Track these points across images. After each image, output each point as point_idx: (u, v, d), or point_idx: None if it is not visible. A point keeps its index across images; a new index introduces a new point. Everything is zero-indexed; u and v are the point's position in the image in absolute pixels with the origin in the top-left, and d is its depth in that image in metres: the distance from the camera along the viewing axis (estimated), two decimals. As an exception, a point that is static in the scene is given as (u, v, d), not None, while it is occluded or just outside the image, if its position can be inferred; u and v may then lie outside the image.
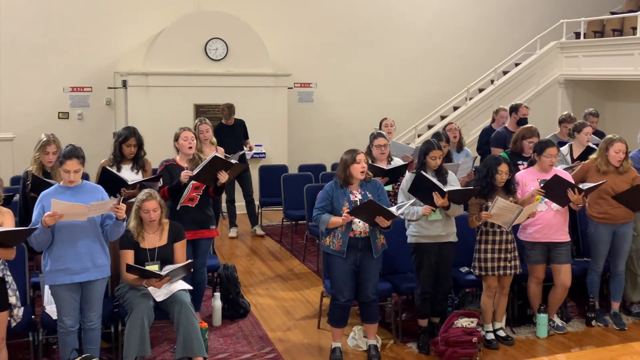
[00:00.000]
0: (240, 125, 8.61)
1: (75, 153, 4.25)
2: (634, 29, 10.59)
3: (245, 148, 8.43)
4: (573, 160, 6.21)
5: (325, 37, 11.41)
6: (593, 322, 5.46)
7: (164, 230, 4.78)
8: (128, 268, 4.53)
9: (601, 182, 5.14)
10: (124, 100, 9.85)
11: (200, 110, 9.78)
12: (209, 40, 9.93)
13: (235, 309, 5.66)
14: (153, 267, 4.65)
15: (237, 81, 9.92)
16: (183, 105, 9.68)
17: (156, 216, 4.67)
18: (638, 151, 5.70)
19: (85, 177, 7.58)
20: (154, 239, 4.73)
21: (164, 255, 4.74)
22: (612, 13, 12.27)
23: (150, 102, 9.58)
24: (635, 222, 5.49)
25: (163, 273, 4.52)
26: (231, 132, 8.42)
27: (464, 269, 5.45)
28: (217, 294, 5.59)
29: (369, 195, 4.66)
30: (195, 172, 5.01)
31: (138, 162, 5.43)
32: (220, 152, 6.99)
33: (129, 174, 5.33)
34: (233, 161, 5.38)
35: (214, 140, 7.09)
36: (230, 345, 5.12)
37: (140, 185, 5.11)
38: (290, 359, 4.89)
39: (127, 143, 5.36)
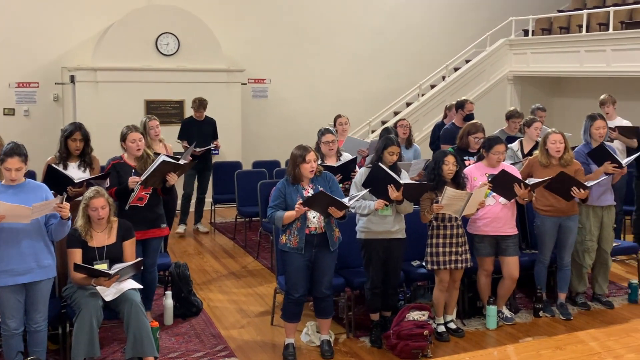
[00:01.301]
0: (210, 124, 8.53)
1: (17, 151, 4.13)
2: (580, 26, 10.89)
3: (212, 146, 8.33)
4: (524, 156, 6.34)
5: (279, 33, 11.37)
6: (540, 313, 5.59)
7: (113, 229, 4.68)
8: (76, 267, 4.43)
9: (548, 178, 5.26)
10: (72, 96, 9.60)
11: (151, 107, 9.63)
12: (160, 35, 9.78)
13: (187, 308, 5.59)
14: (102, 266, 4.55)
15: (189, 77, 9.80)
16: (133, 101, 9.51)
17: (104, 214, 4.57)
18: (582, 146, 5.84)
19: (32, 175, 7.44)
20: (102, 238, 4.63)
21: (113, 254, 4.64)
22: (560, 11, 12.59)
23: (99, 98, 9.39)
24: (580, 215, 5.65)
25: (112, 272, 4.44)
26: (200, 128, 8.34)
27: (416, 263, 5.51)
28: (169, 293, 5.51)
29: (321, 189, 4.66)
30: (144, 177, 4.92)
31: (85, 159, 5.31)
32: (169, 150, 6.91)
33: (75, 172, 5.21)
34: (182, 162, 5.30)
35: (162, 137, 6.99)
36: (182, 344, 5.06)
37: (88, 184, 4.99)
38: (243, 357, 4.86)
39: (73, 138, 5.23)
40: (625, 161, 5.64)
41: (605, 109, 7.46)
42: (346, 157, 5.97)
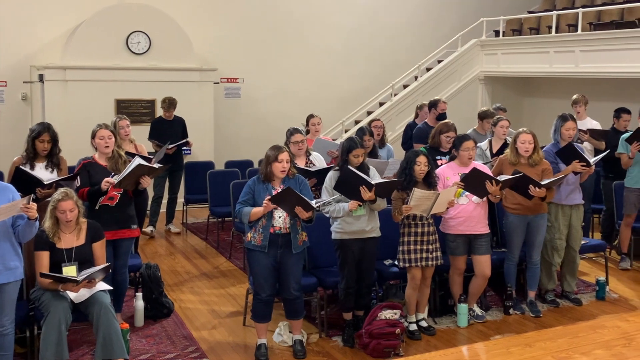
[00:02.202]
0: (180, 123, 8.46)
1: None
2: (550, 27, 11.04)
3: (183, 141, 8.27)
4: (492, 155, 6.42)
5: (252, 32, 11.32)
6: (511, 311, 5.66)
7: (82, 230, 4.62)
8: (42, 275, 4.36)
9: (518, 174, 5.32)
10: (40, 95, 9.44)
11: (122, 106, 9.52)
12: (131, 34, 9.67)
13: (158, 309, 5.54)
14: (70, 268, 4.49)
15: (160, 76, 9.71)
16: (103, 100, 9.39)
17: (73, 216, 4.50)
18: (551, 145, 5.93)
19: (0, 176, 7.31)
20: (70, 239, 4.57)
21: (82, 256, 4.58)
22: (530, 12, 12.76)
23: (69, 97, 9.24)
24: (549, 213, 5.73)
25: (80, 278, 4.36)
26: (169, 128, 8.27)
27: (388, 262, 5.54)
28: (139, 294, 5.46)
29: (290, 188, 4.66)
30: (118, 180, 4.87)
31: (53, 159, 5.24)
32: (140, 150, 6.86)
33: (43, 173, 5.14)
34: (156, 165, 5.26)
35: (133, 137, 6.94)
36: (152, 345, 5.01)
37: (56, 185, 4.92)
38: (214, 358, 4.83)
39: (40, 139, 5.16)
40: (593, 160, 5.74)
41: (577, 108, 7.59)
42: (315, 156, 5.99)
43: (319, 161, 6.03)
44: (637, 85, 9.62)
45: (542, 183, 5.27)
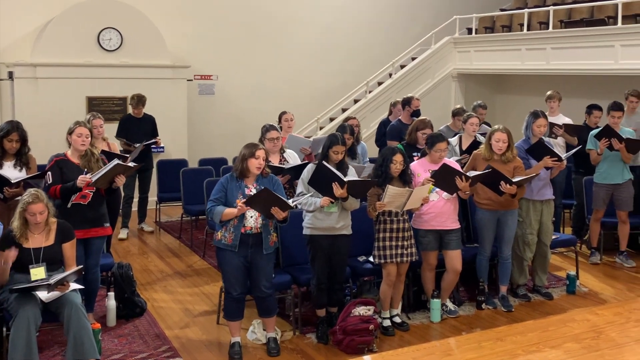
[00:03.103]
0: (149, 121, 8.36)
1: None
2: (522, 25, 11.16)
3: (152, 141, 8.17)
4: (462, 152, 6.47)
5: (226, 29, 11.26)
6: (483, 305, 5.72)
7: (51, 230, 4.56)
8: (11, 291, 4.28)
9: (486, 170, 5.37)
10: (10, 93, 9.30)
11: (93, 103, 9.40)
12: (102, 30, 9.55)
13: (131, 308, 5.49)
14: (38, 270, 4.43)
15: (132, 73, 9.61)
16: (74, 98, 9.27)
17: (42, 219, 4.45)
18: (522, 141, 5.99)
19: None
20: (39, 239, 4.50)
21: (51, 256, 4.52)
22: (502, 10, 12.88)
23: (39, 95, 9.11)
24: (520, 209, 5.79)
25: (52, 281, 4.28)
26: (138, 126, 8.17)
27: (362, 258, 5.55)
28: (111, 294, 5.40)
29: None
30: (94, 179, 4.80)
31: (22, 158, 5.16)
32: (114, 148, 6.80)
33: (11, 172, 5.05)
34: (131, 164, 5.21)
35: (106, 136, 6.87)
36: (125, 345, 4.96)
37: (24, 183, 4.84)
38: (187, 357, 4.80)
39: (9, 138, 5.08)
40: (564, 155, 5.81)
41: (552, 103, 7.67)
42: (289, 154, 5.98)
43: (292, 158, 6.02)
44: (607, 82, 9.77)
45: (514, 180, 5.32)
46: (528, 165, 5.76)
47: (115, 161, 4.91)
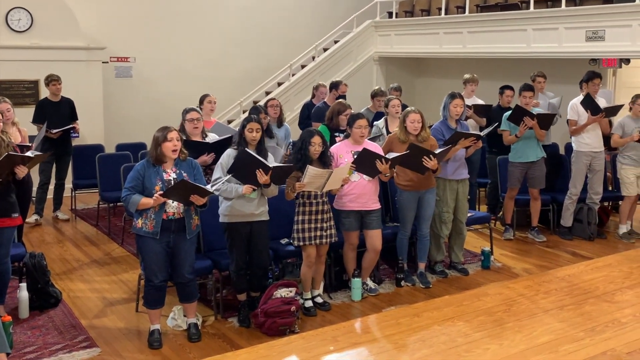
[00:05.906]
0: (68, 104, 8.03)
1: None
2: (440, 9, 11.38)
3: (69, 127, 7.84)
4: (389, 133, 6.56)
5: (143, 9, 10.94)
6: (402, 283, 5.85)
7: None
8: None
9: (405, 152, 5.47)
10: None
11: (2, 87, 8.94)
12: (11, 10, 9.11)
13: (45, 299, 5.30)
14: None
15: (44, 55, 9.19)
16: (-19, 81, 8.79)
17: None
18: (439, 123, 6.13)
19: None
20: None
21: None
22: (421, -6, 13.07)
23: (-59, 77, 8.59)
24: (437, 188, 5.95)
25: None
26: (56, 110, 7.82)
27: (284, 241, 5.56)
28: (23, 285, 5.18)
29: (184, 174, 4.55)
30: None
31: None
32: (24, 134, 6.51)
33: None
34: (30, 153, 4.95)
35: (17, 120, 6.56)
36: (39, 337, 4.78)
37: None
38: (105, 346, 4.67)
39: None
40: (483, 132, 6.04)
41: (469, 86, 7.92)
42: (212, 137, 5.87)
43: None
44: (520, 65, 10.13)
45: (436, 152, 5.46)
46: (443, 146, 5.90)
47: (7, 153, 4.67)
